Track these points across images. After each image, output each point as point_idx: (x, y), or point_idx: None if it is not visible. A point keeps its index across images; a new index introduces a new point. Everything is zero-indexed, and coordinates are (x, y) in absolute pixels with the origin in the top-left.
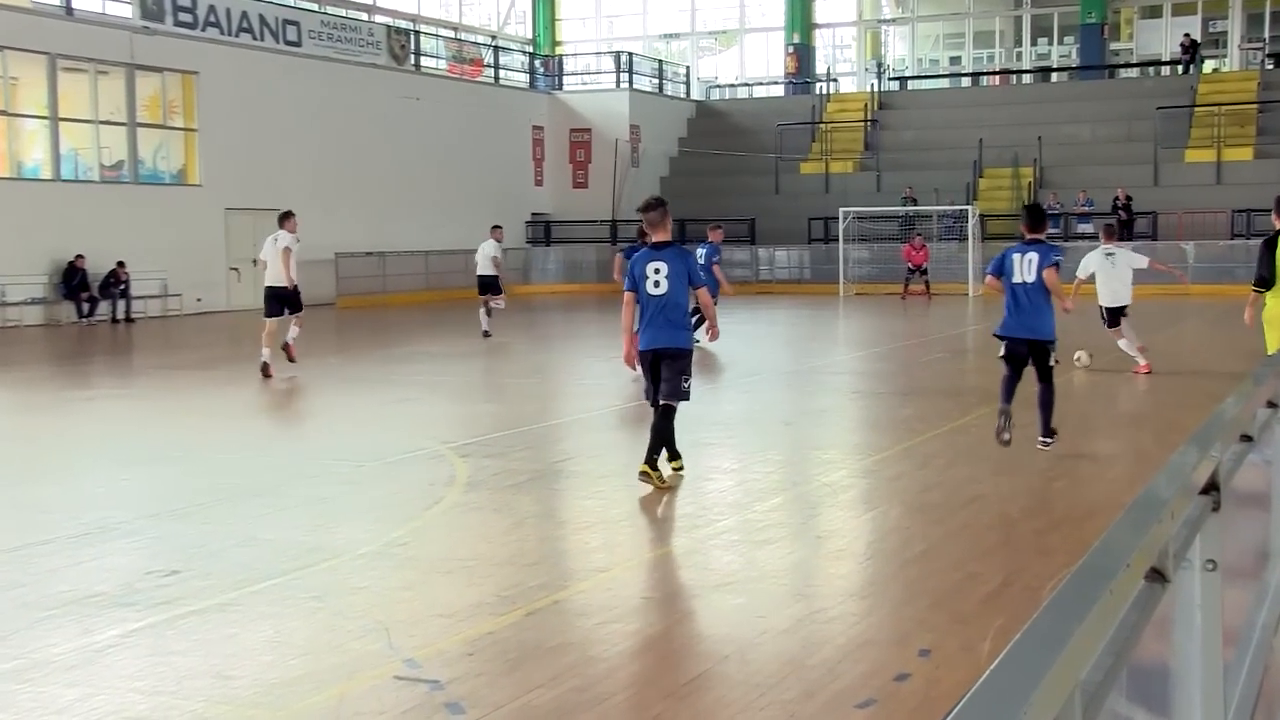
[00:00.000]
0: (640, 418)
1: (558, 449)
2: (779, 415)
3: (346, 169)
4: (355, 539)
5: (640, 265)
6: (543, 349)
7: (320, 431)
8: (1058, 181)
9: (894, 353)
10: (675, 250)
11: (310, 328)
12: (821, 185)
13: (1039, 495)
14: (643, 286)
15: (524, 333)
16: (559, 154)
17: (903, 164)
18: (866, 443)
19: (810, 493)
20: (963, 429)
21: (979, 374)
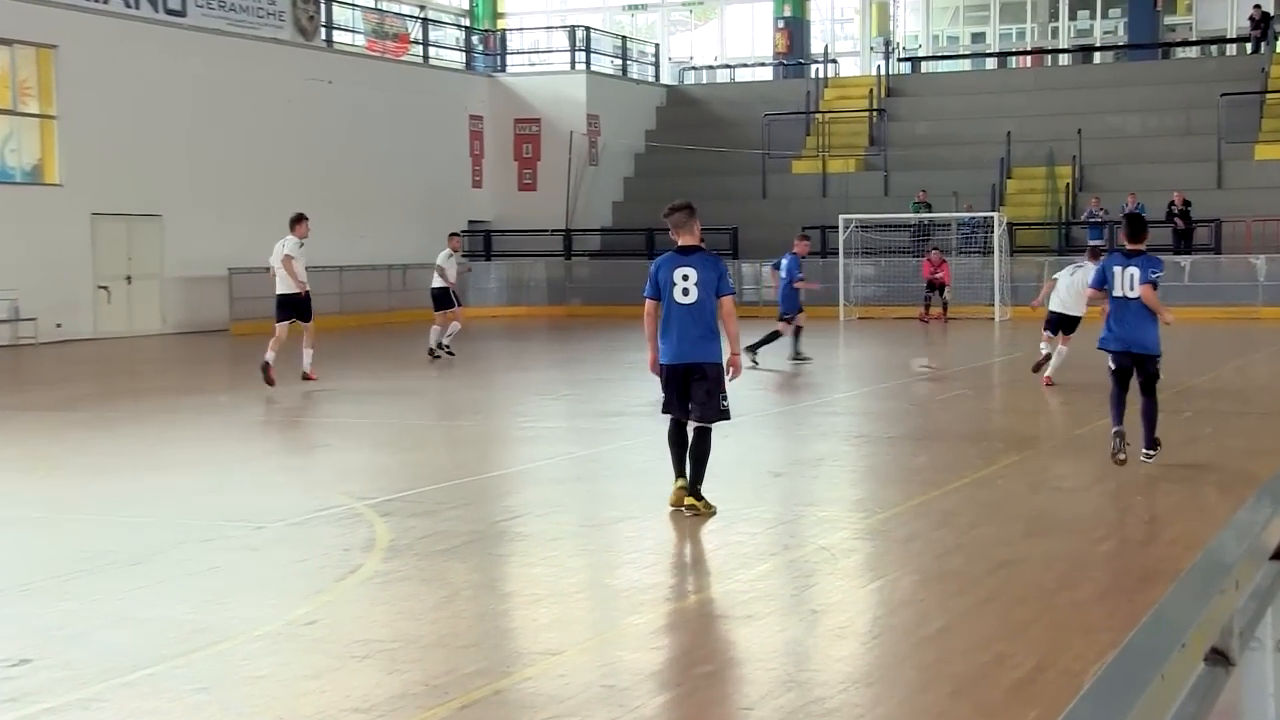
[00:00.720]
0: (599, 470)
1: (500, 505)
2: (766, 464)
3: (241, 168)
4: (252, 617)
5: (666, 271)
6: (482, 385)
7: (211, 486)
8: (1101, 183)
9: (904, 389)
10: (704, 256)
11: (199, 357)
12: (818, 188)
13: (1081, 560)
14: (669, 294)
15: (460, 366)
16: (501, 150)
17: (915, 162)
18: (872, 497)
19: (805, 558)
20: (988, 481)
21: (1007, 414)
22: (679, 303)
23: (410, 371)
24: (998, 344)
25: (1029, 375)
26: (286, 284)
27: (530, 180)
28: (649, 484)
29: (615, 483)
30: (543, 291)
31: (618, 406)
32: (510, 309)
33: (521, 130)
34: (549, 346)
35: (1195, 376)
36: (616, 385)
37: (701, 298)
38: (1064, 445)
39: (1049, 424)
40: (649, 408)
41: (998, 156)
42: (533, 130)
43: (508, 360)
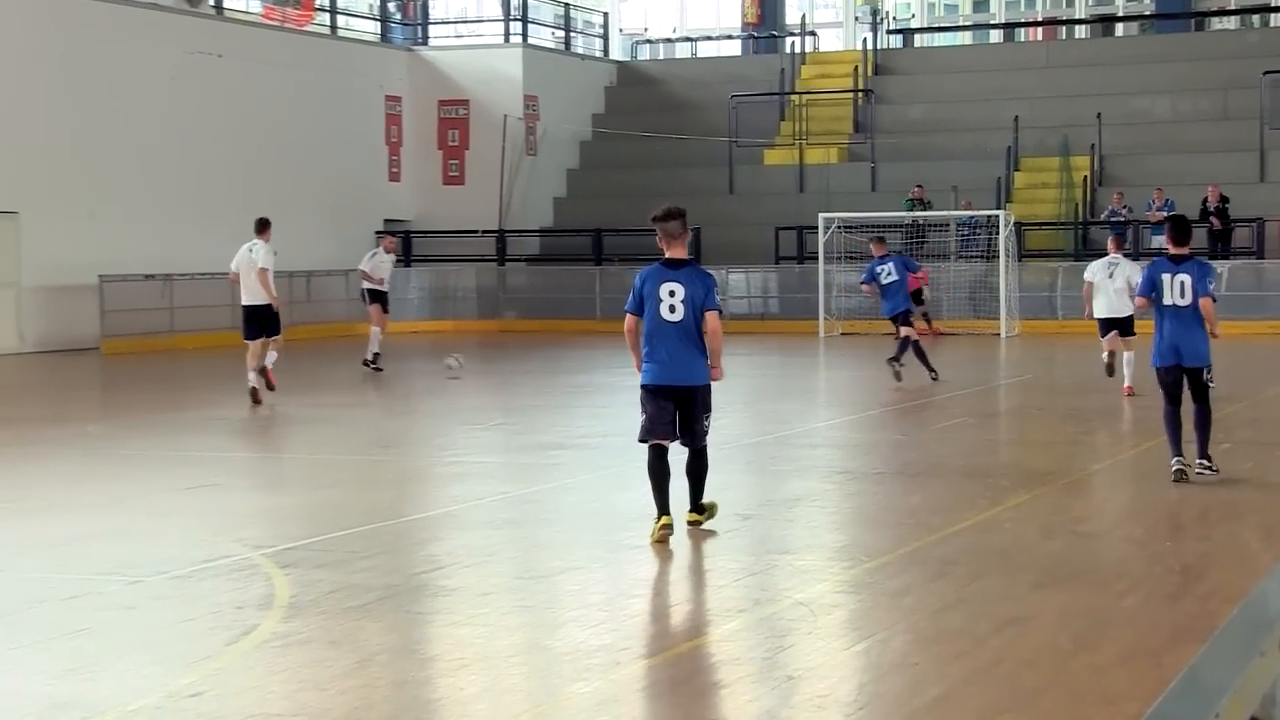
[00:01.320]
0: (538, 513)
1: (422, 554)
2: (734, 505)
3: (114, 157)
4: (126, 688)
5: (652, 285)
6: (401, 412)
7: (78, 533)
8: (1124, 176)
9: (895, 417)
10: (693, 270)
11: (65, 380)
12: (794, 181)
13: (1101, 617)
14: (654, 310)
15: (375, 391)
16: (423, 136)
17: (908, 152)
18: (857, 543)
19: (779, 615)
20: (993, 524)
21: (1015, 446)
22: (665, 320)
23: (316, 397)
24: (1003, 364)
25: (1038, 400)
26: (257, 295)
27: (457, 173)
28: (597, 528)
29: (557, 527)
30: (472, 303)
31: (559, 437)
32: (433, 323)
33: (447, 114)
34: (479, 367)
35: (1234, 403)
36: (558, 413)
37: (689, 315)
38: (1082, 482)
39: (1064, 457)
40: (595, 439)
41: (1004, 145)
42: (460, 114)
43: (431, 383)
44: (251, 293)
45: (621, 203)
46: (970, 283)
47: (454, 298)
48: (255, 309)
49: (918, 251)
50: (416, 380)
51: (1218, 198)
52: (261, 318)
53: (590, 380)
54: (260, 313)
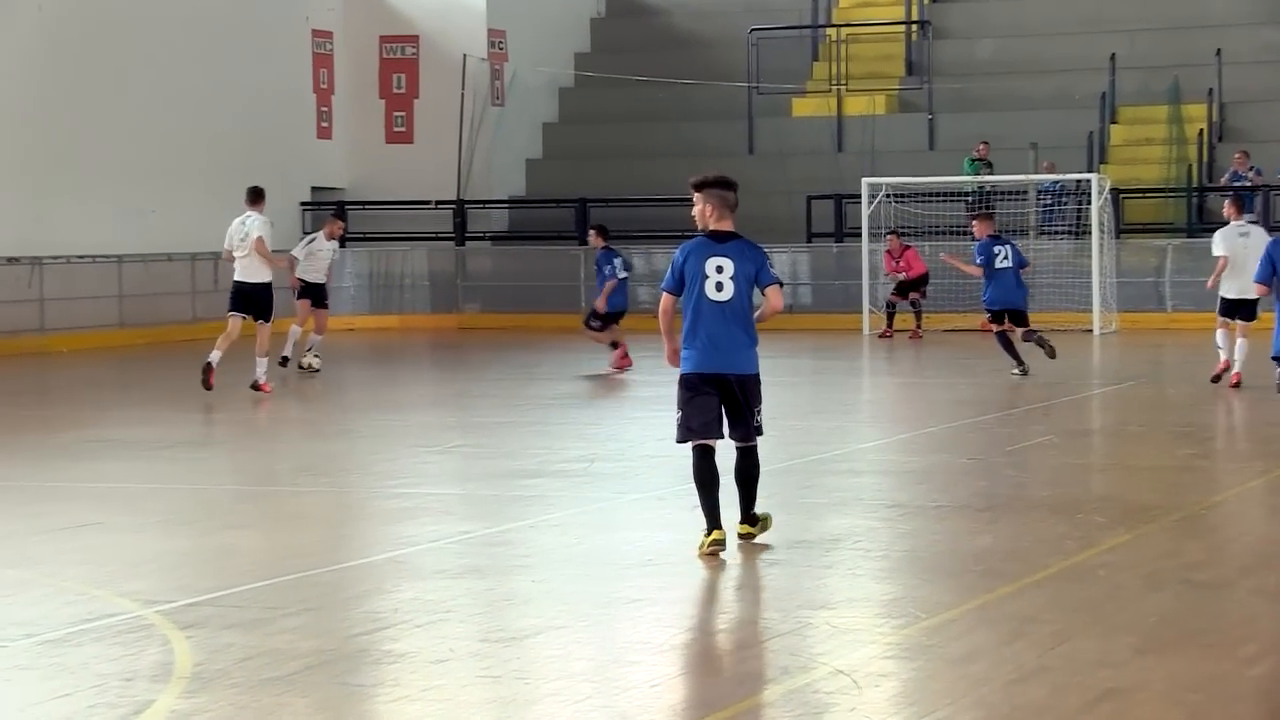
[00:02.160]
0: (508, 559)
1: (362, 611)
2: (759, 547)
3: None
4: None
5: (696, 261)
6: (335, 431)
7: None
8: (1250, 129)
9: (959, 435)
10: (742, 244)
11: None
12: (830, 138)
13: (1221, 689)
14: (697, 289)
15: (302, 403)
16: (361, 83)
17: (972, 100)
18: (911, 596)
19: (813, 688)
20: (1084, 572)
21: (1113, 473)
22: (711, 299)
23: (226, 412)
24: (1097, 368)
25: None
26: (252, 271)
27: (403, 128)
28: (583, 577)
29: (532, 576)
30: (423, 293)
31: (534, 463)
32: (375, 318)
33: (390, 54)
34: (433, 374)
35: None
36: (533, 432)
37: (739, 294)
38: (1197, 519)
39: (1175, 487)
40: (580, 465)
41: (1097, 91)
42: (408, 54)
43: (371, 394)
44: (246, 269)
45: (611, 165)
46: (1054, 266)
47: (399, 286)
48: (248, 286)
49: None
50: (352, 390)
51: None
52: (253, 298)
53: (573, 390)
54: (253, 292)
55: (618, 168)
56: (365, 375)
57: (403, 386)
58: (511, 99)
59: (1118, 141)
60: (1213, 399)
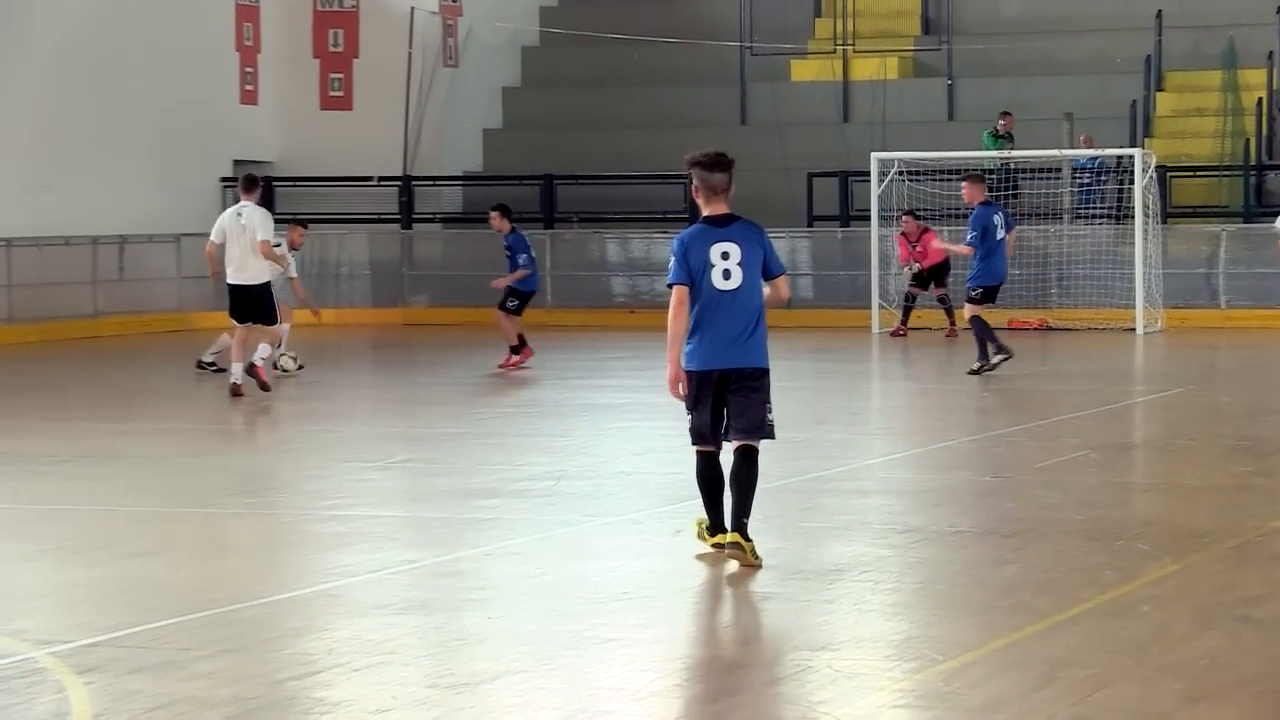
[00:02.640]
0: (460, 591)
1: (289, 653)
2: (753, 579)
3: None
4: None
5: (699, 249)
6: (263, 444)
7: None
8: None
9: (982, 449)
10: (746, 226)
11: None
12: (835, 107)
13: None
14: (704, 279)
15: (221, 412)
16: (292, 40)
17: (998, 64)
18: (926, 636)
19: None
20: (1125, 607)
21: (1158, 493)
22: (718, 289)
23: (134, 421)
24: (1141, 372)
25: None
26: (250, 272)
27: (341, 92)
28: (548, 614)
29: (489, 612)
30: (364, 284)
31: (492, 481)
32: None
33: (327, 6)
34: (374, 377)
35: None
36: (490, 445)
37: (748, 281)
38: (1256, 546)
39: (1230, 510)
40: (546, 484)
41: (1140, 54)
42: (347, 6)
43: (304, 400)
44: (242, 268)
45: (581, 137)
46: (1091, 254)
47: (335, 276)
48: (246, 289)
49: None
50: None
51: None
52: (254, 299)
53: (538, 397)
54: (253, 293)
55: (589, 139)
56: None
57: (339, 392)
58: (466, 59)
59: (1165, 112)
60: (1274, 408)
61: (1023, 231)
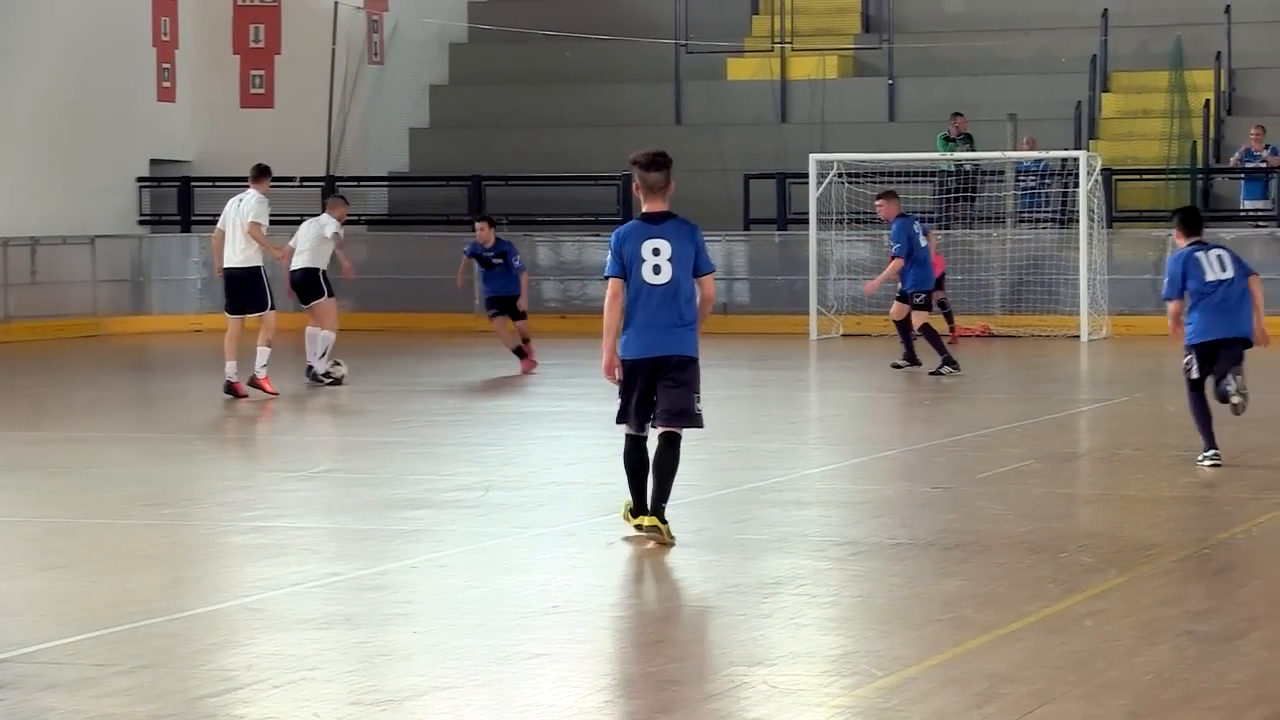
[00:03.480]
0: (384, 605)
1: (208, 669)
2: (687, 591)
3: None
4: None
5: (633, 244)
6: (179, 452)
7: None
8: (1265, 100)
9: (923, 459)
10: (679, 224)
11: None
12: (773, 106)
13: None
14: (636, 273)
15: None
16: (211, 35)
17: (943, 63)
18: (865, 651)
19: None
20: (1068, 621)
21: (1101, 506)
22: (649, 283)
23: (45, 428)
24: (1086, 380)
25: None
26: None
27: (262, 90)
28: (477, 628)
29: (414, 627)
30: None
31: (418, 491)
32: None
33: (247, 0)
34: (296, 384)
35: None
36: (417, 454)
37: (677, 276)
38: (1201, 559)
39: (1176, 522)
40: (475, 495)
41: (1086, 54)
42: (268, 1)
43: (222, 407)
44: (232, 252)
45: (511, 136)
46: (1035, 260)
47: None
48: (238, 274)
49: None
50: (199, 404)
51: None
52: (245, 285)
53: (467, 405)
54: (244, 279)
55: (519, 139)
56: (214, 385)
57: (261, 400)
58: (392, 56)
59: (1110, 113)
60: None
61: (966, 236)
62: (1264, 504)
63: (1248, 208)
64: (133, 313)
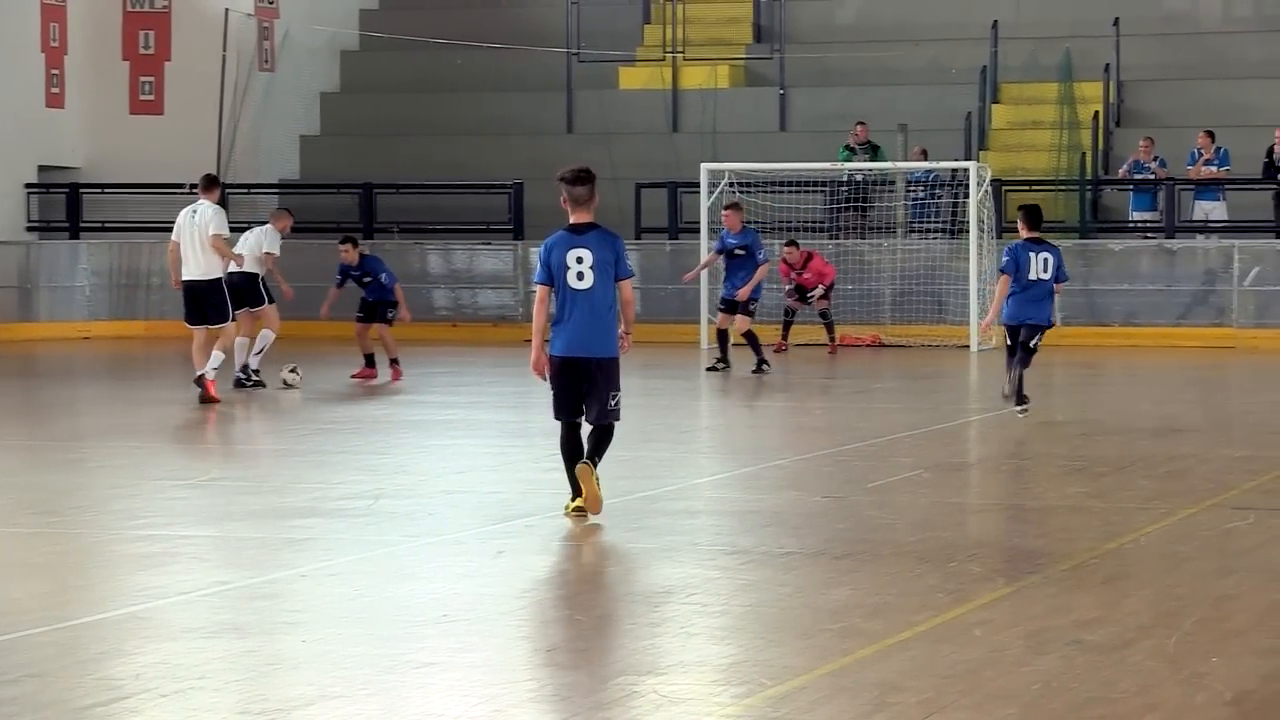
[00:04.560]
0: (275, 614)
1: (94, 678)
2: (571, 601)
3: None
4: None
5: (559, 253)
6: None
7: None
8: (1153, 113)
9: (814, 468)
10: (601, 234)
11: None
12: (664, 115)
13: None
14: (562, 279)
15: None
16: (100, 41)
17: (834, 73)
18: (755, 660)
19: None
20: (958, 630)
21: (990, 515)
22: (573, 288)
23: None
24: (975, 390)
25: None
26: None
27: (151, 96)
28: (366, 637)
29: (303, 635)
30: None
31: (308, 500)
32: (115, 324)
33: (137, 6)
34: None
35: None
36: (306, 462)
37: (598, 282)
38: (1089, 568)
39: (1064, 531)
40: (364, 503)
41: (976, 65)
42: (158, 6)
43: (111, 415)
44: (192, 265)
45: (403, 144)
46: (926, 270)
47: (145, 286)
48: (198, 286)
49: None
50: (86, 411)
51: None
52: (206, 297)
53: (356, 413)
54: (204, 290)
55: (410, 147)
56: (103, 393)
57: (148, 407)
58: (283, 63)
59: (1000, 124)
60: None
61: (856, 246)
62: (1151, 514)
63: (1136, 219)
64: (20, 320)
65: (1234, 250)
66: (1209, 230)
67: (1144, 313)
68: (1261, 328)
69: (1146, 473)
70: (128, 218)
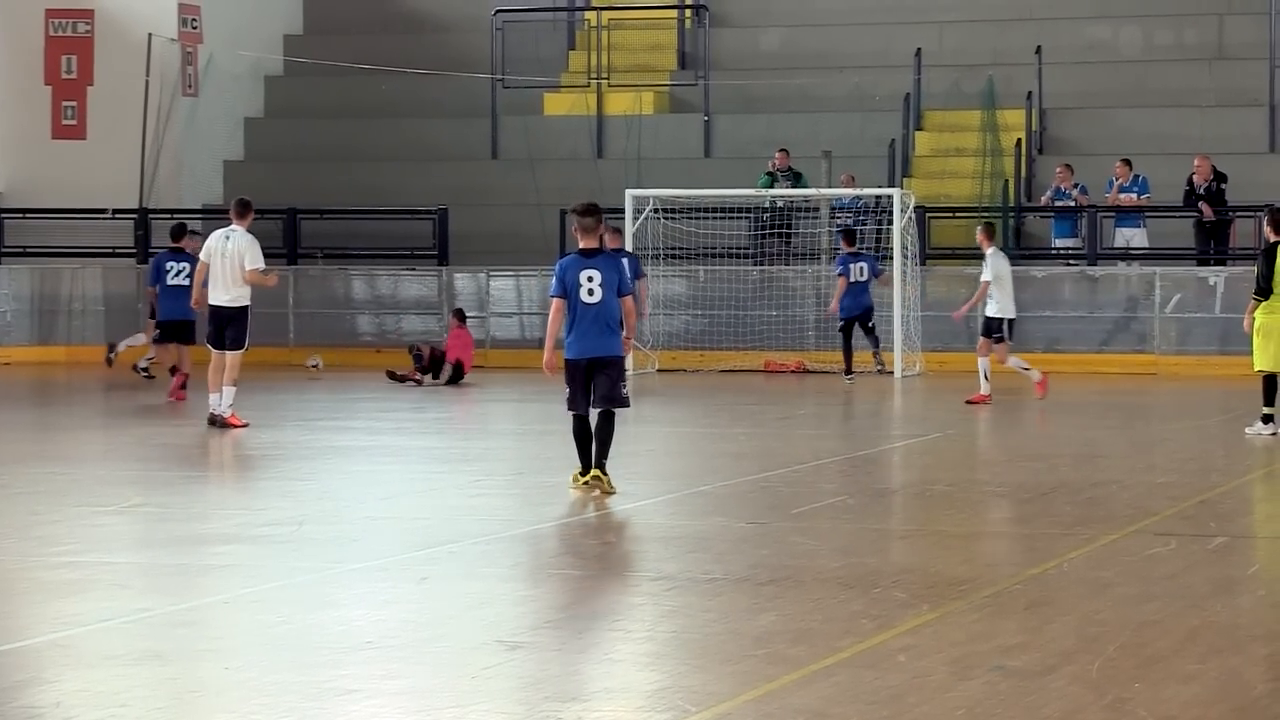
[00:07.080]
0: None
1: (13, 707)
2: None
3: None
4: None
5: (573, 273)
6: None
7: None
8: (1075, 140)
9: (738, 494)
10: (606, 257)
11: None
12: (588, 141)
13: None
14: (575, 295)
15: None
16: (21, 64)
17: (758, 100)
18: (679, 686)
19: None
20: (881, 656)
21: (914, 542)
22: (585, 302)
23: None
24: (899, 417)
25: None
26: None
27: (74, 121)
28: (289, 664)
29: (225, 663)
30: (96, 319)
31: (230, 526)
32: (36, 349)
33: (59, 30)
34: (106, 418)
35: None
36: (228, 488)
37: (606, 297)
38: (1012, 595)
39: (988, 557)
40: (287, 530)
41: (900, 92)
42: (81, 31)
43: (30, 442)
44: (224, 291)
45: (327, 170)
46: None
47: (67, 311)
48: (225, 312)
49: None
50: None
51: (1209, 173)
52: (230, 322)
53: (280, 439)
54: (230, 316)
55: (334, 172)
56: (23, 419)
57: (69, 433)
58: (207, 88)
59: (924, 151)
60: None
61: (781, 272)
62: (1074, 540)
63: (1059, 246)
64: None
65: (1155, 278)
66: (1130, 258)
67: (1066, 339)
68: (1183, 354)
69: (1069, 499)
70: (50, 243)
